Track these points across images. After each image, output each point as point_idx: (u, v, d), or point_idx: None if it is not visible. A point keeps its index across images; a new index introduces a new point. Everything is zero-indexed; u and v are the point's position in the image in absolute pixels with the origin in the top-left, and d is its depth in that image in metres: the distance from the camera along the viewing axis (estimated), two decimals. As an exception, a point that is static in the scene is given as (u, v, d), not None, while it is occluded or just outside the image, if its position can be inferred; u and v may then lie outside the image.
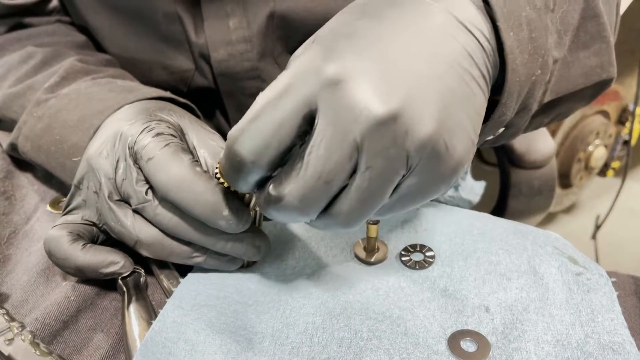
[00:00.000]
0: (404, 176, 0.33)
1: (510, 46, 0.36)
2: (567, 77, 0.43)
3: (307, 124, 0.32)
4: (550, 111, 0.47)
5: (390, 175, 0.32)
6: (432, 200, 0.37)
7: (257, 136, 0.32)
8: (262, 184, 0.35)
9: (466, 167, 0.35)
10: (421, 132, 0.31)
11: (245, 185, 0.35)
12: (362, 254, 0.46)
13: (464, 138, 0.33)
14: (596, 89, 0.46)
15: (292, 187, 0.33)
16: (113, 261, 0.42)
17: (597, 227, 1.63)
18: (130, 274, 0.43)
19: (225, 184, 0.40)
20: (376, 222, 0.45)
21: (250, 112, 0.33)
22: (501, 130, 0.42)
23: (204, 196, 0.38)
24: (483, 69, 0.35)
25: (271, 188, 0.34)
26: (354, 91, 0.30)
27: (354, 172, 0.32)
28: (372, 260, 0.46)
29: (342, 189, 0.33)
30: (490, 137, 0.43)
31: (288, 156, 0.34)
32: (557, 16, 0.40)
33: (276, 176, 0.34)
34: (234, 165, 0.34)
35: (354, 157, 0.31)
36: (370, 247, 0.46)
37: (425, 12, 0.34)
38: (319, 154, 0.31)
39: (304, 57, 0.33)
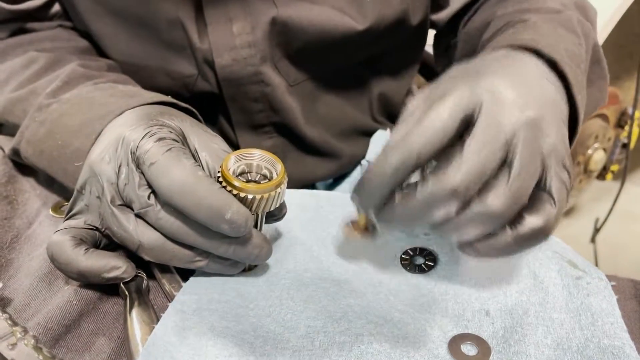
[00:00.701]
0: (540, 183, 0.39)
1: (580, 108, 0.47)
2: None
3: (463, 129, 0.38)
4: None
5: (534, 167, 0.38)
6: None
7: (430, 132, 0.37)
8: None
9: (570, 188, 0.41)
10: (550, 137, 0.39)
11: (393, 180, 0.38)
12: (357, 234, 0.46)
13: (569, 162, 0.40)
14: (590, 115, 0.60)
15: (450, 171, 0.36)
16: (115, 266, 0.42)
17: (596, 230, 1.64)
18: (133, 278, 0.44)
19: (228, 188, 0.40)
20: None
21: (412, 116, 0.38)
22: None
23: (207, 200, 0.39)
24: (565, 115, 0.44)
25: (429, 175, 0.37)
26: (506, 98, 0.38)
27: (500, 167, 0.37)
28: (370, 235, 0.46)
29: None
30: None
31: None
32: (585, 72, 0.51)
33: (433, 169, 0.37)
34: (395, 159, 0.37)
35: (503, 152, 0.37)
36: (363, 226, 0.46)
37: (527, 65, 0.44)
38: (477, 141, 0.37)
39: (452, 78, 0.41)
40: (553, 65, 0.46)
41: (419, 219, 0.39)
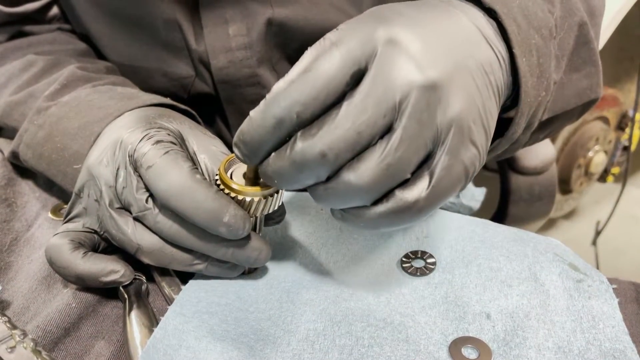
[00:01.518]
0: (430, 157, 0.34)
1: (524, 70, 0.39)
2: (562, 97, 0.48)
3: (354, 83, 0.33)
4: (546, 128, 0.51)
5: (419, 141, 0.33)
6: None
7: (308, 87, 0.33)
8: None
9: (478, 167, 0.36)
10: (453, 107, 0.33)
11: (274, 136, 0.34)
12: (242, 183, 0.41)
13: (483, 134, 0.36)
14: (584, 108, 0.52)
15: (322, 133, 0.33)
16: (113, 270, 0.42)
17: (598, 232, 1.63)
18: (132, 281, 0.43)
19: (225, 191, 0.40)
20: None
21: (300, 65, 0.34)
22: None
23: (204, 203, 0.38)
24: (500, 83, 0.38)
25: (299, 135, 0.33)
26: (402, 56, 0.33)
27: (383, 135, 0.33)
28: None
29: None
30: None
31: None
32: (556, 42, 0.44)
33: (306, 128, 0.34)
34: (275, 113, 0.33)
35: (389, 117, 0.33)
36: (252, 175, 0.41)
37: (457, 18, 0.37)
38: (357, 105, 0.32)
39: (355, 21, 0.34)
40: (495, 19, 0.39)
41: (290, 181, 0.35)
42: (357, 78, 0.33)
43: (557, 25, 0.44)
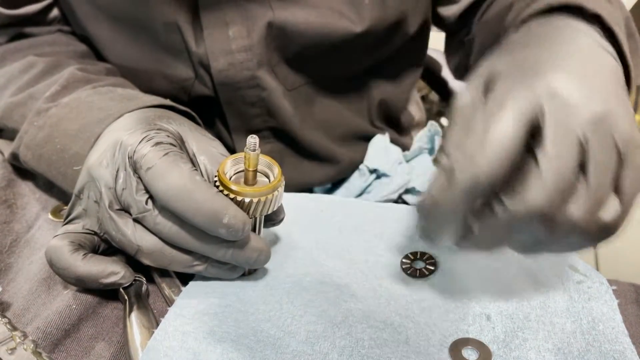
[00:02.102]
0: (618, 176, 0.36)
1: (632, 67, 0.46)
2: None
3: (530, 137, 0.35)
4: None
5: (610, 166, 0.35)
6: None
7: (499, 148, 0.34)
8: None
9: None
10: (624, 127, 0.36)
11: (466, 208, 0.35)
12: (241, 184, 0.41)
13: None
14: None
15: (534, 193, 0.34)
16: (113, 271, 0.42)
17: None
18: (132, 282, 0.43)
19: (225, 192, 0.40)
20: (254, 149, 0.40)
21: (476, 134, 0.35)
22: None
23: (204, 204, 0.38)
24: (624, 84, 0.41)
25: (506, 202, 0.34)
26: (568, 97, 0.35)
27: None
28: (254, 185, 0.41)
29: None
30: None
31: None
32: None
33: (504, 193, 0.35)
34: (465, 199, 0.35)
35: (580, 155, 0.35)
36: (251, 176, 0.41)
37: (581, 41, 0.41)
38: (552, 157, 0.34)
39: (506, 82, 0.37)
40: (600, 24, 0.44)
41: (502, 244, 0.37)
42: (531, 133, 0.35)
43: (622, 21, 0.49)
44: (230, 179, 0.41)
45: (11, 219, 0.53)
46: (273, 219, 0.45)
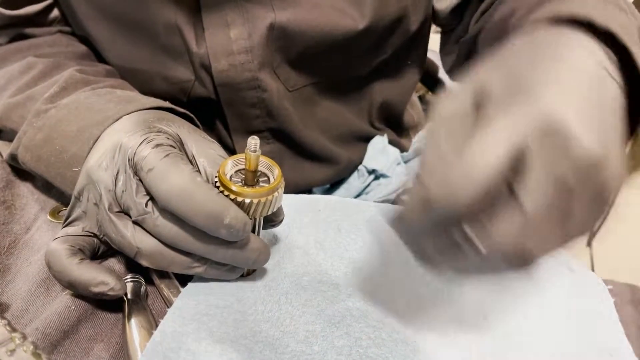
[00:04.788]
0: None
1: None
2: None
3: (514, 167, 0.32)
4: None
5: (594, 214, 0.33)
6: None
7: (472, 186, 0.31)
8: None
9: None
10: (613, 173, 0.32)
11: (433, 234, 0.33)
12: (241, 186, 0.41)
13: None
14: None
15: (508, 227, 0.31)
16: (103, 281, 0.42)
17: (593, 234, 1.64)
18: (132, 283, 0.44)
19: (225, 192, 0.40)
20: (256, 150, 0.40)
21: (458, 159, 0.31)
22: None
23: (205, 205, 0.39)
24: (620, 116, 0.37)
25: (488, 233, 0.32)
26: (565, 132, 0.31)
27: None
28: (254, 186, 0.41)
29: None
30: None
31: None
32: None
33: (489, 222, 0.32)
34: (436, 217, 0.32)
35: (565, 197, 0.31)
36: (251, 177, 0.41)
37: (585, 66, 0.35)
38: (534, 197, 0.31)
39: (502, 100, 0.33)
40: (609, 41, 0.39)
41: (470, 270, 0.35)
42: (514, 167, 0.32)
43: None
44: (230, 179, 0.41)
45: (10, 220, 0.53)
46: (273, 220, 0.46)
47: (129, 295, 0.43)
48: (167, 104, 0.50)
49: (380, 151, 0.73)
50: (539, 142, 0.31)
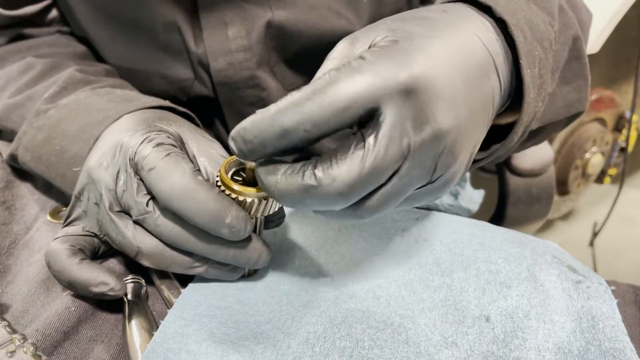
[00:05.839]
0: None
1: (528, 82, 0.40)
2: (553, 108, 0.49)
3: (367, 118, 0.34)
4: (534, 137, 0.53)
5: (418, 183, 0.35)
6: (432, 209, 0.38)
7: (323, 109, 0.33)
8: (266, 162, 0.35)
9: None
10: (454, 157, 0.35)
11: (277, 143, 0.34)
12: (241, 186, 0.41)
13: (466, 167, 0.38)
14: (570, 120, 0.54)
15: (345, 171, 0.33)
16: (103, 281, 0.42)
17: (595, 234, 1.64)
18: (132, 284, 0.43)
19: (226, 192, 0.40)
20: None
21: (319, 83, 0.33)
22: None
23: (207, 205, 0.38)
24: (496, 109, 0.40)
25: (318, 170, 0.33)
26: (420, 105, 0.33)
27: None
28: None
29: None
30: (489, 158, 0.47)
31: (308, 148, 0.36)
32: (552, 54, 0.45)
33: (320, 160, 0.34)
34: (284, 123, 0.33)
35: (402, 160, 0.34)
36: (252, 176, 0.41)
37: (472, 47, 0.37)
38: (379, 150, 0.33)
39: (379, 55, 0.34)
40: (503, 29, 0.40)
41: (296, 204, 0.35)
42: (370, 114, 0.33)
43: (555, 38, 0.45)
44: (231, 179, 0.41)
45: (10, 221, 0.53)
46: (273, 219, 0.45)
47: (129, 296, 0.43)
48: (167, 103, 0.50)
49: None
50: (395, 105, 0.33)
